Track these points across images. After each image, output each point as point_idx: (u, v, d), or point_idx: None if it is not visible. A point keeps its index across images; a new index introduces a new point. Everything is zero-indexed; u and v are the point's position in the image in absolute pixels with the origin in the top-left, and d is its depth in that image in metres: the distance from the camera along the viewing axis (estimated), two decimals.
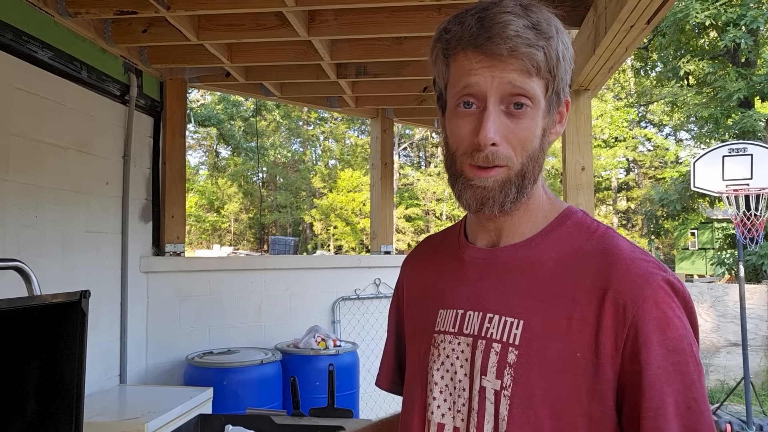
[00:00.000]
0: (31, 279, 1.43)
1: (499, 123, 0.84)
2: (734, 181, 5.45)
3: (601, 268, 0.84)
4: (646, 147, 21.92)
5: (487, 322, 0.89)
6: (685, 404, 0.79)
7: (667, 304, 0.81)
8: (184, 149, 4.08)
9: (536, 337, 0.84)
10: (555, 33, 0.86)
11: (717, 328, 7.01)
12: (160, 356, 3.76)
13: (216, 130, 23.15)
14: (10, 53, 2.56)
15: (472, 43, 0.84)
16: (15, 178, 2.61)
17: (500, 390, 0.84)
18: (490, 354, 0.86)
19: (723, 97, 11.51)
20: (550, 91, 0.87)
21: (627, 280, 0.82)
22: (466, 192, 0.88)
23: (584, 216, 0.94)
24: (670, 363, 0.79)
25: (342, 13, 3.03)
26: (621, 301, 0.81)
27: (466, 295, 0.94)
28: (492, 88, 0.84)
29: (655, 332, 0.79)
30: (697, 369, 0.80)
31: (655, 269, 0.83)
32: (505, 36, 0.82)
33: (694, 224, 15.58)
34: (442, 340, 0.94)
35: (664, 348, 0.79)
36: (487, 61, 0.84)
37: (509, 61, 0.83)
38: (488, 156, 0.85)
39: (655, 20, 2.29)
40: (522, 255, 0.91)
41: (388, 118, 5.14)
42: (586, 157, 3.12)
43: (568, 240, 0.90)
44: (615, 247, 0.86)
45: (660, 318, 0.80)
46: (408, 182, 23.08)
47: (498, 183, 0.86)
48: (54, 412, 1.27)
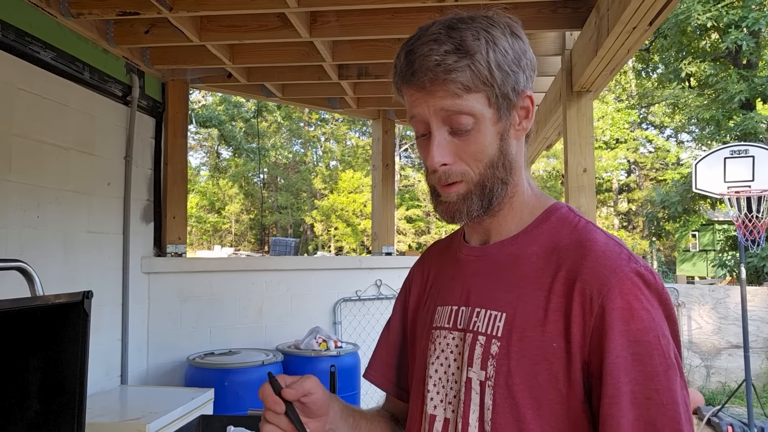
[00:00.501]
0: (33, 279, 1.43)
1: (445, 144, 0.90)
2: (736, 183, 5.44)
3: (575, 260, 0.87)
4: (647, 149, 21.91)
5: (475, 316, 0.93)
6: (644, 395, 0.79)
7: (634, 295, 0.82)
8: (186, 150, 4.08)
9: (516, 329, 0.87)
10: (483, 44, 0.88)
11: (718, 330, 7.00)
12: (161, 357, 3.76)
13: (217, 131, 23.16)
14: (12, 54, 2.57)
15: (404, 79, 0.91)
16: (17, 178, 2.61)
17: (485, 380, 0.88)
18: (476, 346, 0.90)
19: (724, 98, 11.50)
20: (493, 98, 0.90)
21: (595, 270, 0.84)
22: (438, 207, 0.96)
23: (569, 212, 0.97)
24: (630, 353, 0.80)
25: (344, 15, 3.03)
26: (588, 291, 0.83)
27: (459, 291, 0.99)
28: (431, 115, 0.90)
29: (617, 322, 0.81)
30: (664, 362, 0.80)
31: (626, 261, 0.85)
32: (425, 68, 0.87)
33: (696, 226, 15.56)
34: (438, 336, 0.99)
35: (626, 338, 0.80)
36: (418, 93, 0.90)
37: (435, 90, 0.88)
38: (441, 177, 0.92)
39: (657, 22, 2.28)
40: (508, 251, 0.95)
41: (390, 120, 5.15)
42: (588, 159, 3.12)
43: (550, 234, 0.93)
44: (590, 240, 0.89)
45: (624, 308, 0.81)
46: (409, 183, 23.08)
47: (460, 197, 0.92)
48: (56, 412, 1.27)
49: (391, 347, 1.16)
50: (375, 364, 1.18)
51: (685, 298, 7.08)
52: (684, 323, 7.05)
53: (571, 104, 3.15)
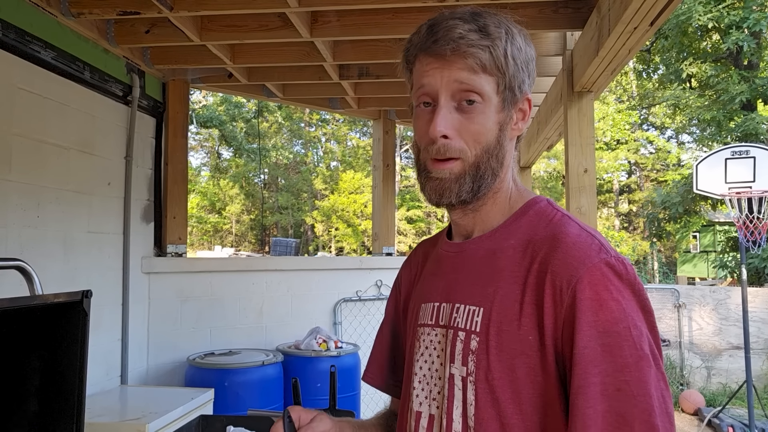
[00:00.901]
0: (32, 278, 1.43)
1: (450, 118, 0.91)
2: (737, 184, 5.44)
3: (547, 253, 0.87)
4: (648, 149, 21.90)
5: (455, 312, 0.94)
6: (615, 386, 0.78)
7: (603, 286, 0.81)
8: (186, 150, 4.08)
9: (493, 323, 0.88)
10: (504, 35, 0.92)
11: (719, 331, 6.99)
12: (161, 357, 3.76)
13: (218, 132, 23.15)
14: (13, 53, 2.57)
15: (423, 48, 0.93)
16: (17, 178, 2.61)
17: (466, 376, 0.89)
18: (456, 342, 0.91)
19: (725, 99, 11.49)
20: (502, 86, 0.93)
21: (564, 262, 0.84)
22: (426, 184, 0.95)
23: (547, 205, 0.98)
24: (599, 344, 0.79)
25: (344, 14, 3.03)
26: (558, 283, 0.83)
27: (441, 288, 1.00)
28: (442, 86, 0.91)
29: (586, 312, 0.80)
30: (635, 353, 0.79)
31: (596, 252, 0.85)
32: (449, 38, 0.90)
33: (696, 227, 15.54)
34: (422, 333, 1.00)
35: (594, 329, 0.80)
36: (435, 62, 0.91)
37: (454, 60, 0.90)
38: (440, 148, 0.92)
39: (658, 22, 2.28)
40: (486, 245, 0.96)
41: (390, 120, 5.14)
42: (589, 160, 3.12)
43: (527, 228, 0.94)
44: (562, 232, 0.89)
45: (593, 299, 0.81)
46: (410, 184, 23.07)
47: (454, 175, 0.92)
48: (55, 413, 1.26)
49: (384, 347, 1.19)
50: (371, 366, 1.20)
51: (685, 299, 7.07)
52: (685, 324, 7.04)
53: (572, 104, 3.14)
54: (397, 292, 1.19)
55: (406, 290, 1.15)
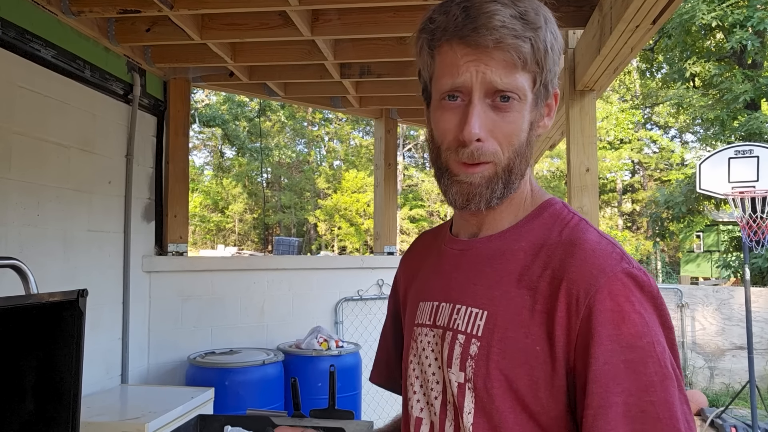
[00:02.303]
0: (28, 277, 1.42)
1: (484, 117, 0.82)
2: (740, 184, 5.41)
3: (562, 259, 0.81)
4: (651, 149, 21.84)
5: (455, 314, 0.87)
6: (639, 407, 0.72)
7: (625, 297, 0.75)
8: (188, 149, 4.07)
9: (497, 328, 0.81)
10: (543, 23, 0.82)
11: (722, 331, 6.97)
12: (162, 356, 3.76)
13: (221, 131, 23.18)
14: (13, 52, 2.56)
15: (457, 34, 0.81)
16: (18, 176, 2.61)
17: (464, 382, 0.82)
18: (455, 346, 0.85)
19: (729, 99, 11.45)
20: (538, 83, 0.84)
21: (582, 269, 0.78)
22: (452, 188, 0.86)
23: (563, 208, 0.91)
24: (621, 360, 0.73)
25: (346, 13, 3.02)
26: (574, 292, 0.77)
27: (440, 286, 0.93)
28: (477, 82, 0.81)
29: (606, 325, 0.74)
30: (661, 371, 0.73)
31: (617, 260, 0.78)
32: (491, 26, 0.79)
33: (700, 227, 15.51)
34: (419, 333, 0.94)
35: (616, 343, 0.73)
36: (472, 54, 0.81)
37: (495, 54, 0.80)
38: (473, 152, 0.82)
39: (660, 20, 2.26)
40: (495, 245, 0.89)
41: (392, 119, 5.13)
42: (591, 159, 3.10)
43: (541, 231, 0.87)
44: (580, 238, 0.82)
45: (614, 311, 0.74)
46: (412, 183, 23.06)
47: (485, 179, 0.84)
48: (50, 413, 1.26)
49: (388, 345, 1.14)
50: (376, 366, 1.16)
51: (689, 299, 7.05)
52: (688, 324, 7.02)
53: (574, 103, 3.13)
54: (397, 287, 1.13)
55: (405, 285, 1.08)
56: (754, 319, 6.21)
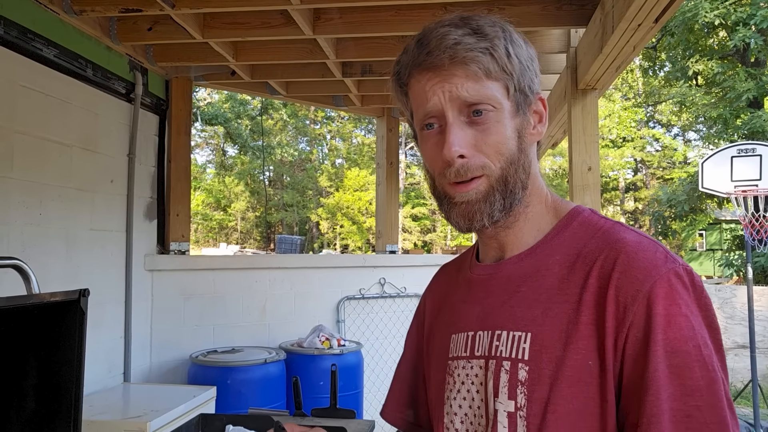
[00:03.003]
0: (29, 277, 1.43)
1: (462, 135, 0.82)
2: (743, 182, 5.41)
3: (603, 265, 0.78)
4: (654, 147, 21.82)
5: (496, 340, 0.84)
6: (685, 412, 0.70)
7: (672, 300, 0.73)
8: (190, 147, 4.07)
9: (545, 349, 0.78)
10: (500, 33, 0.83)
11: (725, 330, 6.96)
12: (164, 355, 3.76)
13: (223, 129, 23.20)
14: (15, 51, 2.56)
15: (416, 64, 0.84)
16: (20, 175, 2.61)
17: (515, 411, 0.78)
18: (501, 373, 0.81)
19: (732, 97, 11.43)
20: (512, 89, 0.84)
21: (628, 274, 0.76)
22: (452, 211, 0.86)
23: (591, 214, 0.88)
24: (667, 365, 0.71)
25: (347, 12, 3.02)
26: (621, 299, 0.75)
27: (474, 315, 0.89)
28: (446, 101, 0.82)
29: (656, 331, 0.72)
30: (707, 375, 0.71)
31: (662, 261, 0.76)
32: (443, 46, 0.81)
33: (702, 225, 15.49)
34: (456, 367, 0.89)
35: (663, 349, 0.72)
36: (434, 77, 0.83)
37: (454, 70, 0.81)
38: (459, 170, 0.82)
39: (663, 19, 2.26)
40: (526, 264, 0.86)
41: (394, 118, 5.13)
42: (593, 157, 3.10)
43: (572, 241, 0.84)
44: (618, 240, 0.80)
45: (662, 315, 0.73)
46: (414, 181, 23.06)
47: (480, 194, 0.83)
48: (52, 412, 1.26)
49: (402, 383, 1.08)
50: (389, 402, 1.10)
51: None
52: None
53: (576, 102, 3.13)
54: (420, 322, 1.07)
55: (430, 319, 1.03)
56: (757, 318, 6.20)
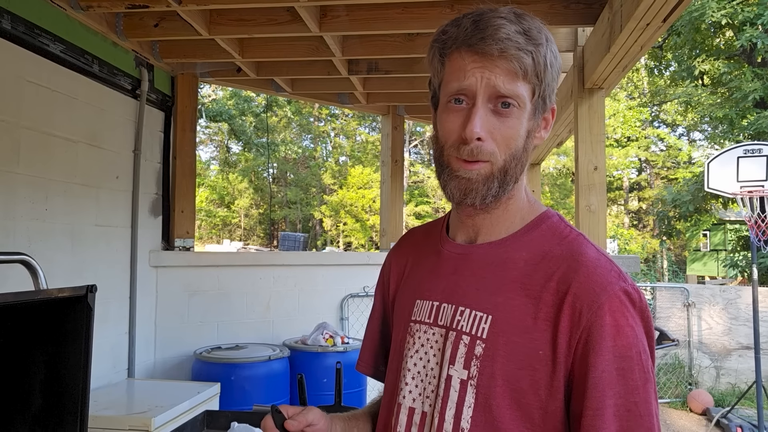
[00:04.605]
0: (37, 273, 1.43)
1: (485, 120, 0.90)
2: (749, 183, 5.38)
3: (566, 272, 0.89)
4: (658, 147, 21.75)
5: (459, 315, 0.94)
6: (626, 407, 0.83)
7: (621, 313, 0.85)
8: (195, 144, 4.07)
9: (503, 332, 0.89)
10: (544, 41, 0.91)
11: (729, 330, 6.94)
12: (168, 351, 3.77)
13: (227, 126, 23.22)
14: (22, 46, 2.57)
15: (466, 42, 0.90)
16: (26, 171, 2.62)
17: (467, 379, 0.90)
18: (459, 345, 0.92)
19: (738, 97, 11.37)
20: (537, 95, 0.92)
21: (586, 286, 0.87)
22: (450, 182, 0.94)
23: (559, 221, 0.99)
24: (615, 368, 0.84)
25: (354, 9, 3.01)
26: (578, 306, 0.86)
27: (441, 287, 0.99)
28: (481, 87, 0.89)
29: (605, 339, 0.84)
30: (643, 376, 0.85)
31: (615, 279, 0.88)
32: (497, 37, 0.88)
33: (707, 225, 15.45)
34: (418, 329, 1.00)
35: (612, 354, 0.84)
36: (479, 61, 0.89)
37: (499, 62, 0.88)
38: (473, 150, 0.90)
39: (671, 18, 2.25)
40: (495, 253, 0.96)
41: (399, 116, 5.12)
42: (599, 157, 3.09)
43: (539, 242, 0.95)
44: (581, 254, 0.91)
45: (612, 326, 0.85)
46: (418, 180, 23.04)
47: (482, 176, 0.91)
48: (59, 407, 1.26)
49: (375, 335, 1.19)
50: (364, 354, 1.20)
51: (695, 298, 7.02)
52: (694, 323, 6.99)
53: (582, 101, 3.11)
54: (386, 282, 1.18)
55: (396, 281, 1.14)
56: (762, 318, 6.18)
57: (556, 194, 20.74)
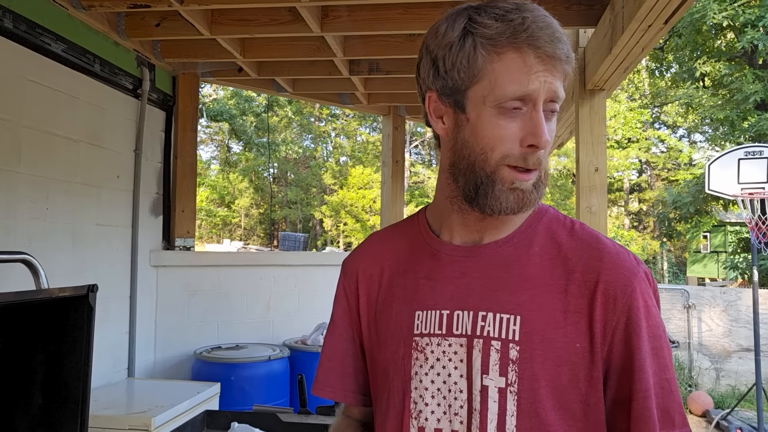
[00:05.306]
0: (38, 272, 1.43)
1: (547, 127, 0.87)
2: (750, 185, 5.38)
3: (589, 262, 0.89)
4: (659, 148, 21.74)
5: (482, 321, 0.89)
6: (660, 385, 0.85)
7: (648, 295, 0.88)
8: (196, 144, 4.07)
9: (535, 331, 0.86)
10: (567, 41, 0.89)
11: (729, 332, 6.93)
12: (168, 350, 3.77)
13: (228, 125, 23.22)
14: (23, 45, 2.57)
15: (532, 44, 0.83)
16: (27, 170, 2.62)
17: (505, 387, 0.86)
18: (490, 352, 0.87)
19: (739, 99, 11.37)
20: None
21: (616, 272, 0.87)
22: (508, 196, 0.87)
23: (557, 212, 0.98)
24: (650, 347, 0.86)
25: (355, 9, 3.01)
26: (611, 292, 0.86)
27: (448, 294, 0.92)
28: (543, 92, 0.84)
29: (641, 321, 0.85)
30: (669, 353, 0.89)
31: (636, 263, 0.90)
32: (562, 39, 0.84)
33: (707, 227, 15.44)
34: (428, 343, 0.91)
35: (647, 334, 0.86)
36: (544, 63, 0.83)
37: (560, 66, 0.85)
38: (538, 158, 0.86)
39: (673, 20, 2.25)
40: (505, 251, 0.93)
41: (400, 116, 5.12)
42: (600, 158, 3.09)
43: (547, 235, 0.94)
44: (599, 241, 0.92)
45: (644, 307, 0.86)
46: (419, 180, 23.05)
47: (533, 184, 0.89)
48: (60, 406, 1.26)
49: (342, 356, 1.06)
50: (325, 377, 1.06)
51: (695, 299, 7.02)
52: (694, 325, 6.99)
53: (583, 103, 3.11)
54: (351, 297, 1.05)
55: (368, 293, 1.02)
56: (762, 320, 6.17)
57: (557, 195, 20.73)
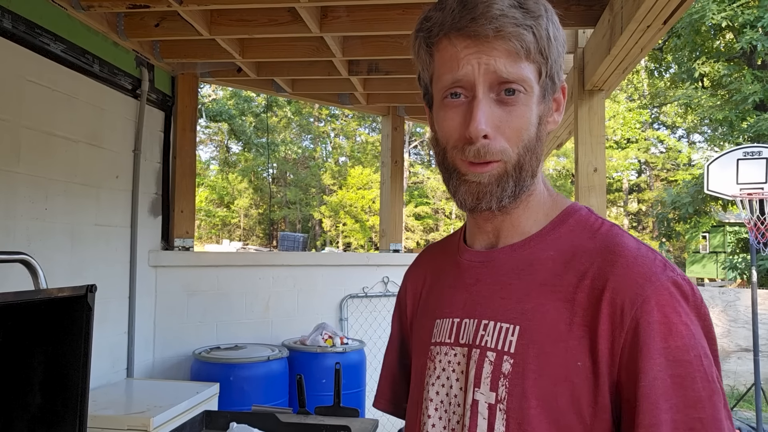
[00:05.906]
0: (37, 272, 1.43)
1: (490, 113, 0.77)
2: (749, 185, 5.39)
3: (601, 267, 0.76)
4: (658, 149, 21.76)
5: (482, 330, 0.82)
6: (686, 424, 0.68)
7: (672, 308, 0.72)
8: (195, 144, 4.07)
9: (533, 343, 0.76)
10: (543, 12, 0.79)
11: (728, 333, 6.94)
12: (167, 350, 3.77)
13: (227, 126, 23.22)
14: (22, 45, 2.57)
15: (454, 26, 0.78)
16: (26, 170, 2.62)
17: (495, 403, 0.77)
18: (484, 364, 0.79)
19: (738, 99, 11.39)
20: (544, 75, 0.80)
21: (626, 279, 0.74)
22: (460, 188, 0.81)
23: (589, 213, 0.87)
24: (669, 375, 0.69)
25: (354, 10, 3.01)
26: (618, 302, 0.73)
27: (462, 302, 0.87)
28: (480, 74, 0.77)
29: (654, 338, 0.70)
30: (708, 386, 0.70)
31: (661, 268, 0.74)
32: (490, 16, 0.75)
33: (706, 227, 15.46)
34: (438, 352, 0.87)
35: (664, 357, 0.70)
36: (473, 45, 0.77)
37: (496, 44, 0.76)
38: (480, 150, 0.78)
39: (672, 20, 2.25)
40: (519, 255, 0.84)
41: (399, 116, 5.12)
42: (599, 159, 3.09)
43: (568, 238, 0.83)
44: (618, 244, 0.78)
45: (662, 322, 0.71)
46: (418, 180, 23.06)
47: (494, 178, 0.80)
48: (58, 406, 1.26)
49: (393, 367, 1.06)
50: (380, 388, 1.07)
51: None
52: None
53: (582, 103, 3.12)
54: (402, 307, 1.04)
55: (413, 303, 1.00)
56: (761, 321, 6.18)
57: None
